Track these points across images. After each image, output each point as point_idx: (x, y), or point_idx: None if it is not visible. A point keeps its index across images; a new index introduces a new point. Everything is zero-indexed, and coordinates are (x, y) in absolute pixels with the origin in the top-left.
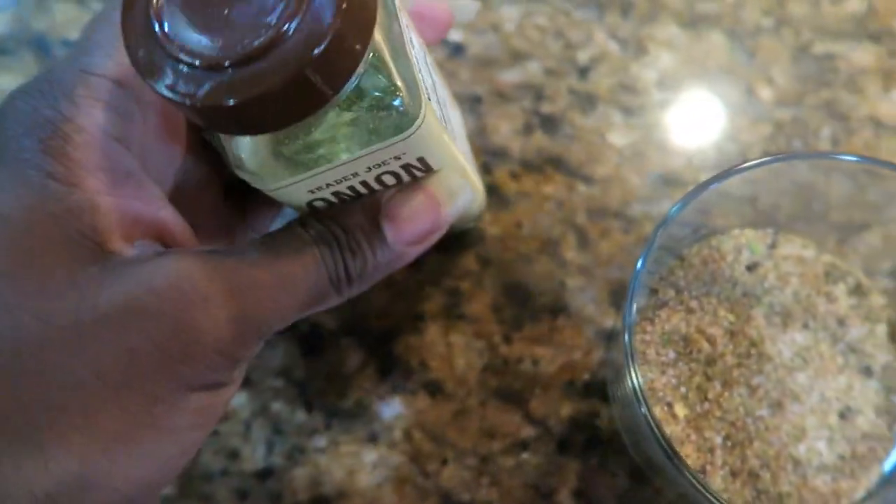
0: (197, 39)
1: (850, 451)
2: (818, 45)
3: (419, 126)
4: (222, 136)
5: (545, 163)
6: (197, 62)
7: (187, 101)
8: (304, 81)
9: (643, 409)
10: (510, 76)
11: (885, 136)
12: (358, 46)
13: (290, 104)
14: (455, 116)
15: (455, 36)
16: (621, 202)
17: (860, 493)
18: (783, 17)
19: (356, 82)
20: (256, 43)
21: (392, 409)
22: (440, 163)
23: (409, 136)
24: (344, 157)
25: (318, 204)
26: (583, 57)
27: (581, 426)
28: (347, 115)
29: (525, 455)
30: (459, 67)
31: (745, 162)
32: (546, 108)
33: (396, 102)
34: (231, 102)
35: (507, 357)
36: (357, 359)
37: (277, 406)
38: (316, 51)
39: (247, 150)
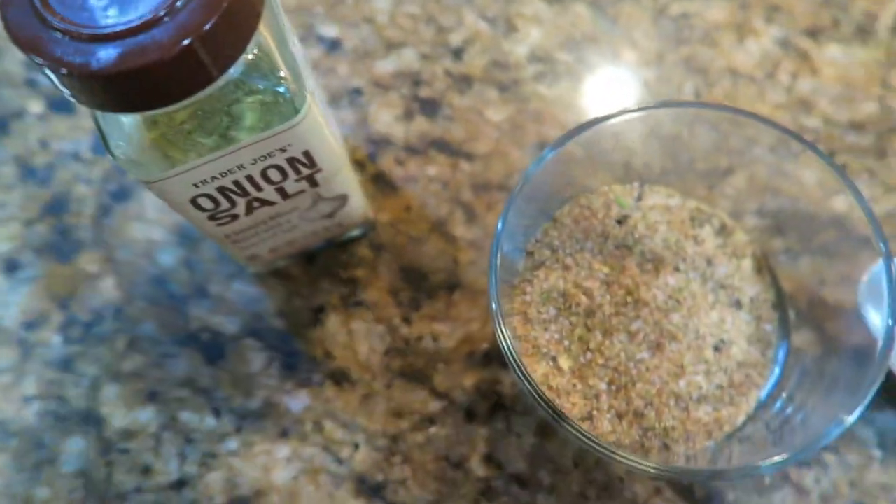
0: (82, 11)
1: (728, 381)
2: (674, 5)
3: (304, 116)
4: (103, 120)
5: (428, 145)
6: (83, 33)
7: (72, 73)
8: (190, 56)
9: (517, 370)
10: (387, 66)
11: (742, 84)
12: (245, 30)
13: (175, 79)
14: (333, 122)
15: (330, 32)
16: (504, 175)
17: (741, 419)
18: None
19: (242, 68)
20: (145, 16)
21: (300, 402)
22: (324, 160)
23: (295, 126)
24: (229, 145)
25: (203, 202)
26: (455, 39)
27: (485, 394)
28: (233, 101)
29: (433, 429)
30: (337, 62)
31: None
32: (424, 92)
33: (282, 90)
34: (115, 72)
35: (407, 338)
36: (260, 359)
37: (185, 416)
38: (206, 26)
39: (128, 134)
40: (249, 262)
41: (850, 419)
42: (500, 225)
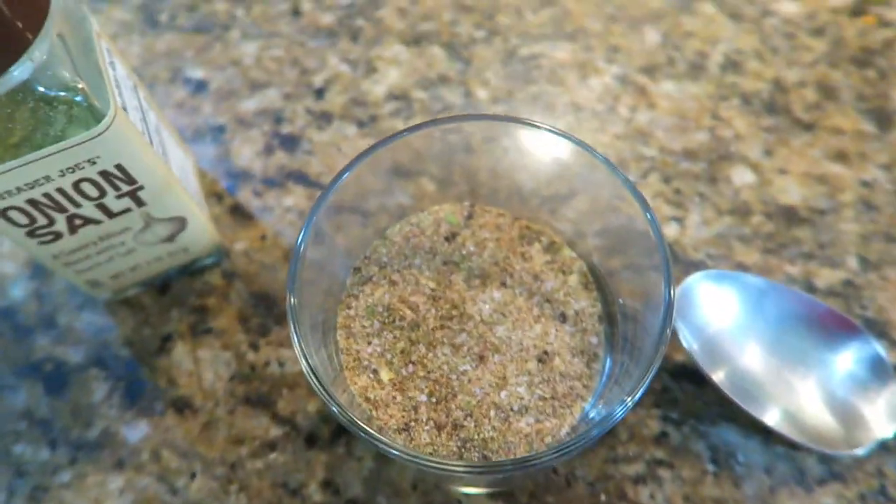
0: None
1: (551, 392)
2: (524, 48)
3: (107, 126)
4: None
5: (286, 177)
6: None
7: None
8: None
9: (317, 389)
10: (250, 104)
11: (585, 117)
12: (28, 34)
13: None
14: (178, 156)
15: (197, 73)
16: (358, 198)
17: (565, 430)
18: (493, 27)
19: (29, 73)
20: None
21: (139, 432)
22: (143, 176)
23: (98, 137)
24: (27, 155)
25: (14, 216)
26: (318, 80)
27: (327, 419)
28: (22, 108)
29: (273, 455)
30: (202, 102)
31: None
32: (285, 128)
33: (78, 98)
34: None
35: (254, 363)
36: (103, 389)
37: (19, 449)
38: None
39: None
40: (93, 290)
41: (631, 400)
42: (299, 238)
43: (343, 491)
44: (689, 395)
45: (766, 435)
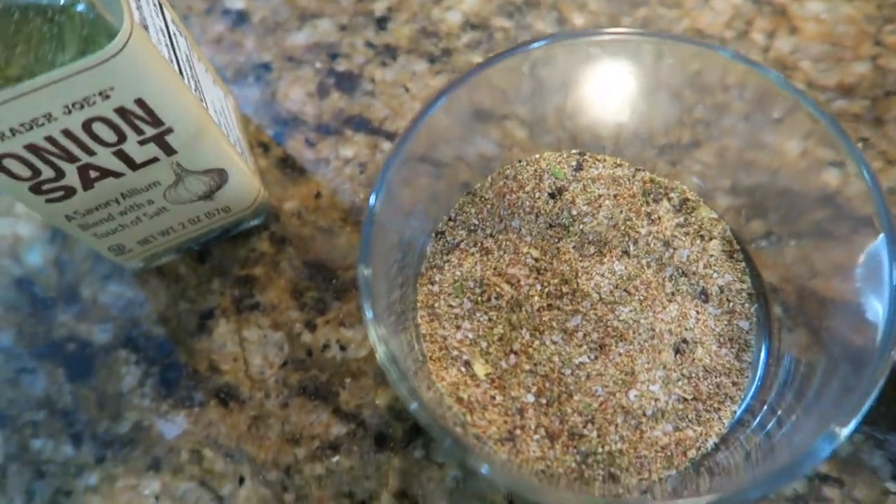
0: None
1: (693, 392)
2: None
3: (121, 46)
4: None
5: (343, 124)
6: None
7: None
8: None
9: (396, 383)
10: (300, 38)
11: None
12: None
13: None
14: (216, 96)
15: (237, 3)
16: (429, 147)
17: (711, 441)
18: None
19: None
20: None
21: (176, 427)
22: (171, 115)
23: (109, 60)
24: (18, 85)
25: (12, 166)
26: (379, 7)
27: (400, 415)
28: (13, 21)
29: (336, 458)
30: (244, 37)
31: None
32: (342, 66)
33: (80, 8)
34: None
35: (310, 347)
36: (134, 375)
37: (38, 444)
38: None
39: None
40: (119, 258)
41: (844, 431)
42: (372, 199)
43: (422, 503)
44: None
45: None
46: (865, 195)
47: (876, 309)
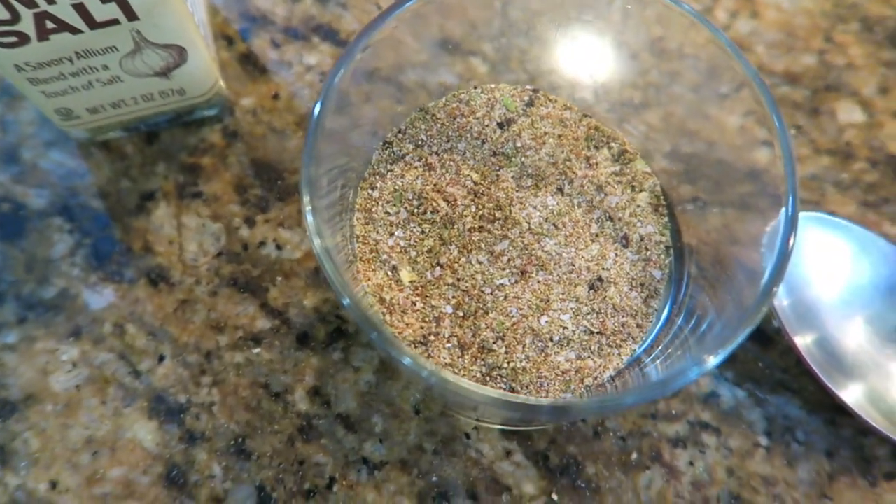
0: None
1: (600, 326)
2: None
3: None
4: None
5: (311, 31)
6: None
7: None
8: None
9: (330, 275)
10: None
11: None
12: None
13: None
14: None
15: None
16: (395, 69)
17: (608, 374)
18: None
19: None
20: None
21: (103, 299)
22: None
23: None
24: None
25: None
26: None
27: (325, 318)
28: None
29: (258, 350)
30: None
31: None
32: None
33: None
34: None
35: (247, 241)
36: (66, 243)
37: None
38: None
39: None
40: (66, 123)
41: (712, 360)
42: (316, 109)
43: (334, 403)
44: (749, 354)
45: (835, 414)
46: (783, 176)
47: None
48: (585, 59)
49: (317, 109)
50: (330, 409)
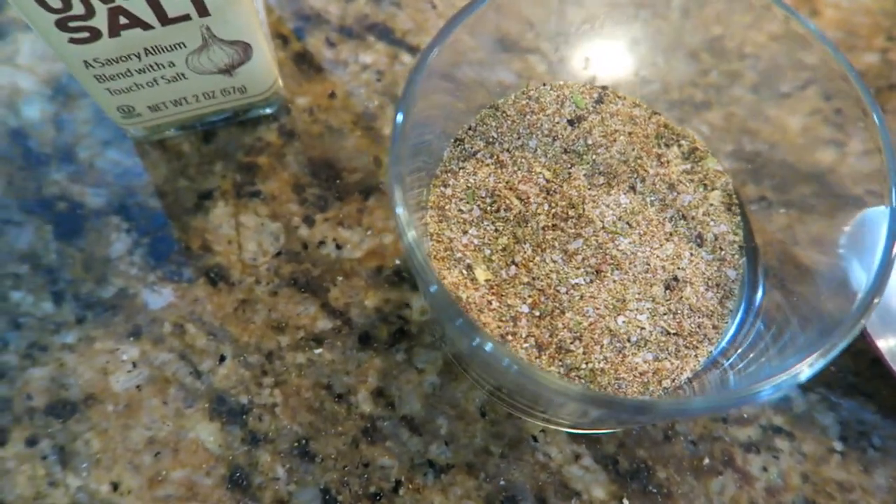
0: None
1: (676, 327)
2: None
3: None
4: None
5: (366, 30)
6: None
7: None
8: None
9: (416, 257)
10: None
11: (736, 11)
12: None
13: None
14: None
15: None
16: (450, 65)
17: (685, 375)
18: None
19: None
20: None
21: (162, 299)
22: None
23: None
24: None
25: None
26: None
27: (387, 318)
28: None
29: (319, 350)
30: None
31: None
32: None
33: None
34: None
35: (306, 241)
36: (124, 242)
37: (18, 296)
38: None
39: None
40: (125, 121)
41: (807, 371)
42: (399, 116)
43: (398, 405)
44: None
45: None
46: (854, 174)
47: (858, 279)
48: (644, 57)
49: (399, 118)
50: (394, 410)
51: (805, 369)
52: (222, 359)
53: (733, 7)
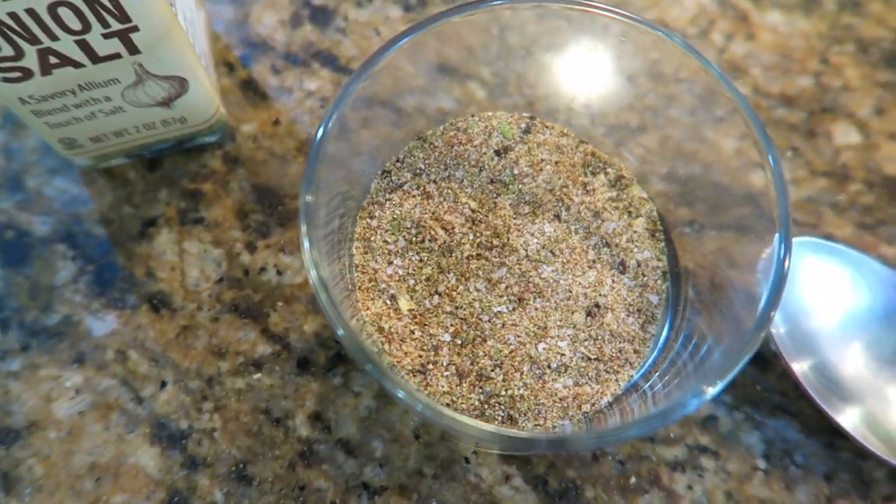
0: None
1: (597, 353)
2: None
3: None
4: None
5: (311, 57)
6: None
7: None
8: None
9: (325, 306)
10: None
11: None
12: None
13: None
14: (187, 5)
15: None
16: (392, 93)
17: (606, 400)
18: None
19: None
20: None
21: (106, 326)
22: (139, 14)
23: None
24: None
25: None
26: None
27: (325, 343)
28: None
29: (258, 375)
30: None
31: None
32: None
33: None
34: None
35: (248, 267)
36: (70, 270)
37: None
38: None
39: None
40: (69, 152)
41: (711, 391)
42: (319, 132)
43: (334, 429)
44: (747, 377)
45: (833, 437)
46: (770, 196)
47: (749, 298)
48: (583, 83)
49: (318, 136)
50: (330, 434)
51: (710, 389)
52: (163, 384)
53: (664, 43)
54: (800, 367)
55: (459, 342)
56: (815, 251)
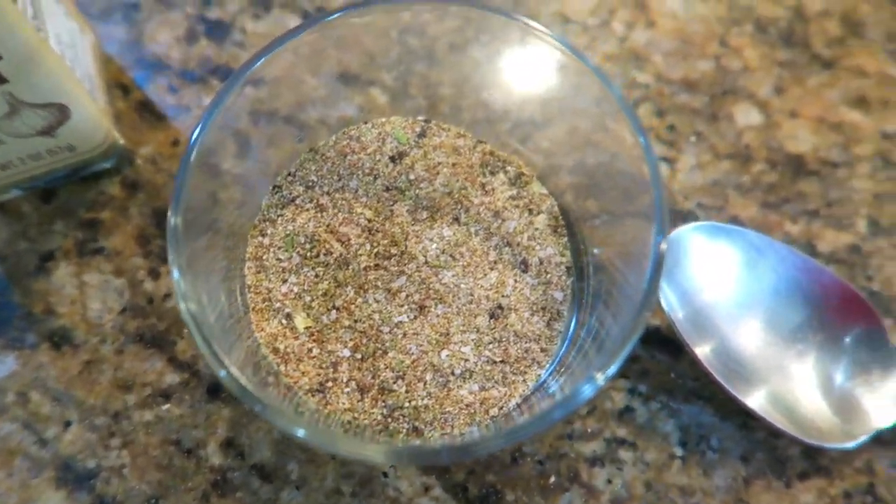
0: None
1: (502, 355)
2: None
3: None
4: None
5: (209, 73)
6: None
7: None
8: None
9: (194, 335)
10: None
11: (573, 31)
12: None
13: None
14: (65, 28)
15: None
16: (294, 105)
17: (514, 401)
18: None
19: None
20: None
21: (5, 368)
22: (4, 43)
23: None
24: None
25: None
26: None
27: None
28: None
29: (167, 406)
30: None
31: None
32: (213, 13)
33: None
34: None
35: (152, 295)
36: None
37: None
38: None
39: None
40: None
41: (601, 376)
42: (196, 132)
43: (248, 454)
44: (661, 366)
45: (746, 418)
46: (645, 180)
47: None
48: (485, 81)
49: (189, 149)
50: (244, 460)
51: (600, 375)
52: (68, 424)
53: (569, 35)
54: (703, 351)
55: (360, 356)
56: (710, 233)
